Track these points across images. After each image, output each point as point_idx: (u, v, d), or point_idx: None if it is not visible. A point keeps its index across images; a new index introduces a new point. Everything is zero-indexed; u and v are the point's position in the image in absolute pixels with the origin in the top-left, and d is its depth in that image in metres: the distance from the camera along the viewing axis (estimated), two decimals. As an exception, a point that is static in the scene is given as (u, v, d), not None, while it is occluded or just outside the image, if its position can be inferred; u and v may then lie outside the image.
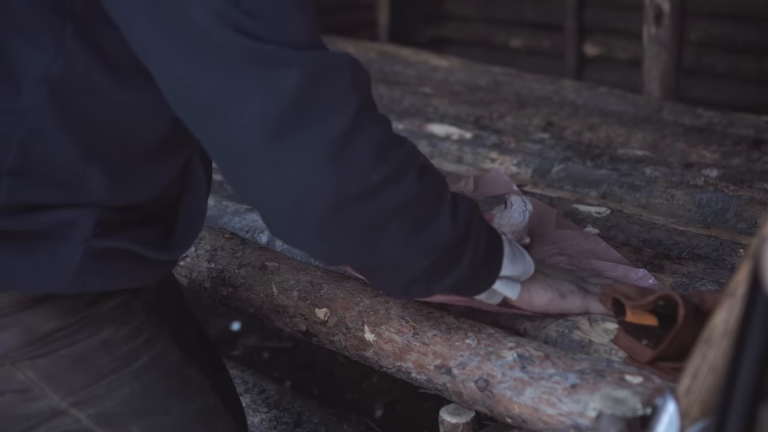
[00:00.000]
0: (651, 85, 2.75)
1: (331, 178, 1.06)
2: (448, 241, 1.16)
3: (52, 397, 1.21)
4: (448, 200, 1.17)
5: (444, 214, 1.15)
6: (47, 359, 1.20)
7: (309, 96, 1.05)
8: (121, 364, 1.24)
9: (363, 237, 1.12)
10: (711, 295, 1.22)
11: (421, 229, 1.14)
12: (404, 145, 1.14)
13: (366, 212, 1.10)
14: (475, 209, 1.21)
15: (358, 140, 1.07)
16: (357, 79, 1.09)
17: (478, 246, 1.20)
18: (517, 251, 1.27)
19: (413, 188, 1.12)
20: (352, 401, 2.61)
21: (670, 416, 1.04)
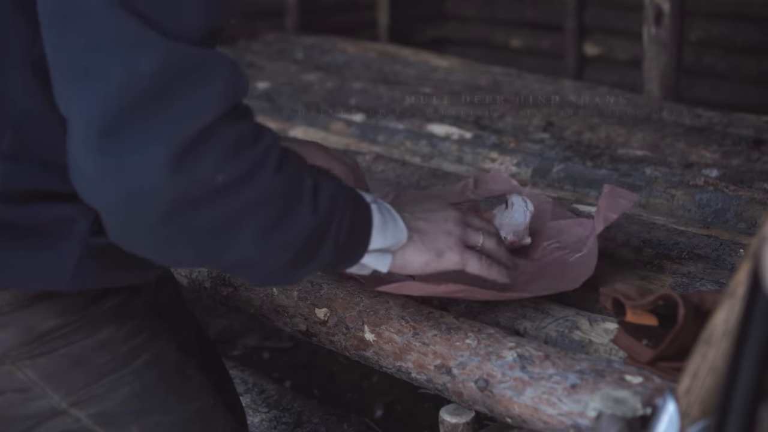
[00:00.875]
0: (651, 85, 2.75)
1: (169, 182, 0.99)
2: (309, 231, 1.11)
3: (52, 396, 1.21)
4: (309, 186, 1.11)
5: (304, 204, 1.10)
6: (47, 358, 1.20)
7: (163, 89, 0.99)
8: (120, 364, 1.24)
9: (209, 239, 1.07)
10: (711, 295, 1.22)
11: (278, 225, 1.09)
12: (262, 142, 1.07)
13: (210, 215, 1.04)
14: (338, 189, 1.15)
15: (208, 146, 1.01)
16: (226, 86, 1.03)
17: (341, 228, 1.15)
18: (389, 219, 1.21)
19: (269, 184, 1.07)
20: (352, 401, 2.61)
21: (670, 416, 1.04)
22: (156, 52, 0.99)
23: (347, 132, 2.50)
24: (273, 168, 1.07)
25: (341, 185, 1.17)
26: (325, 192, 1.13)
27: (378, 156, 2.18)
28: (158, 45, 0.99)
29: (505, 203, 1.56)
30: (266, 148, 1.07)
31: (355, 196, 1.18)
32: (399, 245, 1.23)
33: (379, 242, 1.20)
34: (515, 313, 1.42)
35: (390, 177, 2.07)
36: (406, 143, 2.36)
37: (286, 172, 1.09)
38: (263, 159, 1.07)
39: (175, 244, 1.06)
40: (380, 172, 2.09)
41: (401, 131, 2.44)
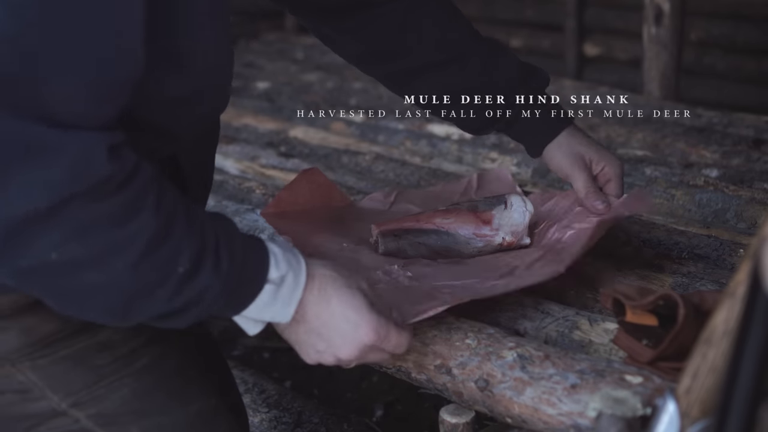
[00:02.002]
0: (651, 85, 2.75)
1: None
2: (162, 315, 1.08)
3: (51, 397, 1.21)
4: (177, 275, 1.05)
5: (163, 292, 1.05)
6: (47, 360, 1.21)
7: None
8: (121, 365, 1.24)
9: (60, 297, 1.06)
10: (711, 295, 1.22)
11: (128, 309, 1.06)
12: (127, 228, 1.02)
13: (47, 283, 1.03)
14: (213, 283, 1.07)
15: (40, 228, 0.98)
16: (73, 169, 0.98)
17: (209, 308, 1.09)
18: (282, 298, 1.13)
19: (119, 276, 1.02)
20: (352, 401, 2.61)
21: (670, 416, 1.04)
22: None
23: (347, 132, 2.50)
24: (129, 263, 1.02)
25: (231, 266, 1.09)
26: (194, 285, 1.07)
27: (378, 156, 2.18)
28: None
29: (504, 203, 1.56)
30: (129, 236, 1.02)
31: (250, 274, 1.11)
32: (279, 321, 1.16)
33: (253, 314, 1.14)
34: (515, 313, 1.42)
35: (390, 177, 2.07)
36: (406, 143, 2.36)
37: (150, 264, 1.03)
38: (117, 249, 1.02)
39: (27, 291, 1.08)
40: (380, 172, 2.09)
41: (401, 131, 2.44)
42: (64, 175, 0.97)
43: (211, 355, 1.46)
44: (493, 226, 1.54)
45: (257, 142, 2.46)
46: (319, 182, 1.72)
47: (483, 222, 1.55)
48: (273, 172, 2.19)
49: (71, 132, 0.98)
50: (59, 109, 0.97)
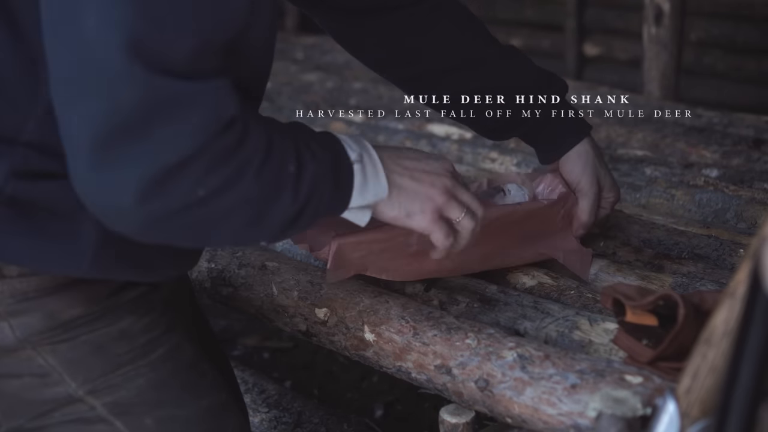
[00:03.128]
0: (651, 85, 2.75)
1: (145, 203, 1.05)
2: (288, 216, 1.16)
3: (69, 383, 1.22)
4: (290, 175, 1.15)
5: (284, 195, 1.14)
6: (68, 345, 1.22)
7: (143, 121, 1.02)
8: (138, 355, 1.25)
9: (197, 233, 1.13)
10: (711, 295, 1.22)
11: (261, 219, 1.14)
12: (243, 150, 1.10)
13: (192, 219, 1.09)
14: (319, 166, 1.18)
15: (187, 170, 1.05)
16: (208, 118, 1.06)
17: (321, 203, 1.19)
18: (372, 177, 1.24)
19: (250, 187, 1.11)
20: (352, 401, 2.61)
21: (670, 416, 1.04)
22: (137, 88, 1.01)
23: (347, 132, 2.50)
24: (253, 173, 1.11)
25: (323, 156, 1.19)
26: (306, 176, 1.16)
27: (378, 156, 2.18)
28: (140, 81, 1.01)
29: (502, 191, 1.58)
30: (248, 154, 1.10)
31: (338, 160, 1.21)
32: (379, 200, 1.26)
33: (357, 201, 1.23)
34: (515, 313, 1.42)
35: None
36: (406, 143, 2.36)
37: (267, 170, 1.12)
38: (243, 167, 1.10)
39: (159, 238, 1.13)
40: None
41: (401, 131, 2.44)
42: (202, 122, 1.05)
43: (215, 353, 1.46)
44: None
45: (257, 142, 2.46)
46: None
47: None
48: (273, 172, 2.19)
49: (202, 82, 1.06)
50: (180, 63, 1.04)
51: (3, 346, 1.20)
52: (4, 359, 1.21)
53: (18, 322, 1.19)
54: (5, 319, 1.19)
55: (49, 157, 1.15)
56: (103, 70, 1.01)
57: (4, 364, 1.21)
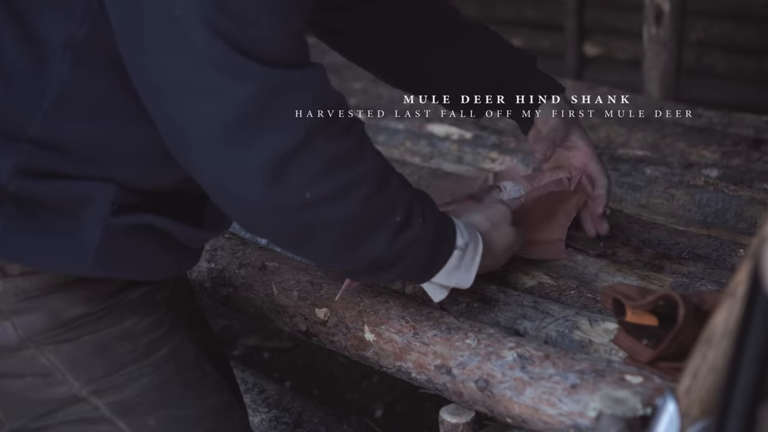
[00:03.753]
0: (651, 85, 2.75)
1: (264, 193, 1.12)
2: (376, 258, 1.23)
3: (72, 383, 1.22)
4: (395, 222, 1.21)
5: (382, 235, 1.21)
6: (71, 345, 1.22)
7: (258, 113, 1.09)
8: (141, 355, 1.25)
9: (293, 237, 1.20)
10: (711, 295, 1.22)
11: (354, 246, 1.21)
12: (359, 166, 1.18)
13: (297, 221, 1.17)
14: (425, 233, 1.25)
15: (299, 162, 1.12)
16: (316, 101, 1.13)
17: (411, 267, 1.26)
18: (465, 267, 1.33)
19: (354, 210, 1.18)
20: (352, 401, 2.61)
21: (670, 416, 1.04)
22: (250, 81, 1.08)
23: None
24: (362, 196, 1.18)
25: (431, 226, 1.26)
26: (408, 233, 1.23)
27: (378, 156, 2.18)
28: (251, 74, 1.09)
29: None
30: (363, 173, 1.18)
31: (444, 238, 1.29)
32: (460, 287, 1.35)
33: (441, 280, 1.32)
34: (515, 313, 1.42)
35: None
36: (406, 143, 2.36)
37: (377, 202, 1.20)
38: (354, 184, 1.17)
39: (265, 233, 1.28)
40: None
41: (401, 131, 2.44)
42: (310, 105, 1.12)
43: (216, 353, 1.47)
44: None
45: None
46: None
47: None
48: (273, 172, 2.19)
49: (302, 67, 1.14)
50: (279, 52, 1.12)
51: (6, 345, 1.20)
52: (6, 359, 1.21)
53: (21, 321, 1.19)
54: (8, 318, 1.19)
55: (53, 154, 1.15)
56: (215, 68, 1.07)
57: (6, 364, 1.21)
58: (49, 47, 1.13)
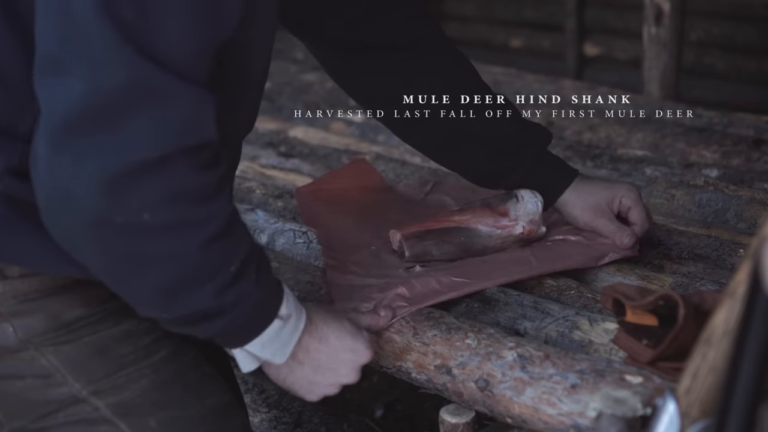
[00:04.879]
0: (651, 85, 2.75)
1: (97, 199, 1.03)
2: (200, 310, 1.14)
3: (72, 384, 1.22)
4: (228, 274, 1.13)
5: (212, 286, 1.12)
6: (71, 346, 1.22)
7: (119, 109, 1.01)
8: (141, 356, 1.25)
9: (119, 263, 1.10)
10: (711, 295, 1.22)
11: (182, 290, 1.12)
12: (208, 207, 1.09)
13: (126, 244, 1.07)
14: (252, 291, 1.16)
15: (150, 178, 1.03)
16: (194, 123, 1.05)
17: (233, 322, 1.17)
18: (283, 340, 1.22)
19: (190, 251, 1.09)
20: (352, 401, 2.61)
21: (670, 416, 1.04)
22: (123, 71, 1.00)
23: (347, 132, 2.50)
24: (206, 237, 1.09)
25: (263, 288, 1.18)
26: (238, 288, 1.14)
27: (378, 156, 2.17)
28: (127, 63, 1.00)
29: (515, 197, 1.58)
30: (214, 212, 1.09)
31: (268, 304, 1.20)
32: (274, 361, 1.24)
33: (255, 349, 1.22)
34: (515, 313, 1.42)
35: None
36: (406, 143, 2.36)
37: (218, 247, 1.11)
38: (198, 224, 1.08)
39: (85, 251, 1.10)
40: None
41: (401, 131, 2.43)
42: (179, 124, 1.03)
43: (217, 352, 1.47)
44: (510, 217, 1.57)
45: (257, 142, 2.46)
46: (364, 169, 1.84)
47: (500, 214, 1.57)
48: (273, 171, 2.19)
49: (190, 84, 1.03)
50: (173, 57, 1.02)
51: (5, 347, 1.20)
52: (6, 360, 1.21)
53: (20, 323, 1.19)
54: (7, 320, 1.19)
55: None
56: (91, 47, 1.00)
57: (6, 365, 1.21)
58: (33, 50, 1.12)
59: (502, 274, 1.49)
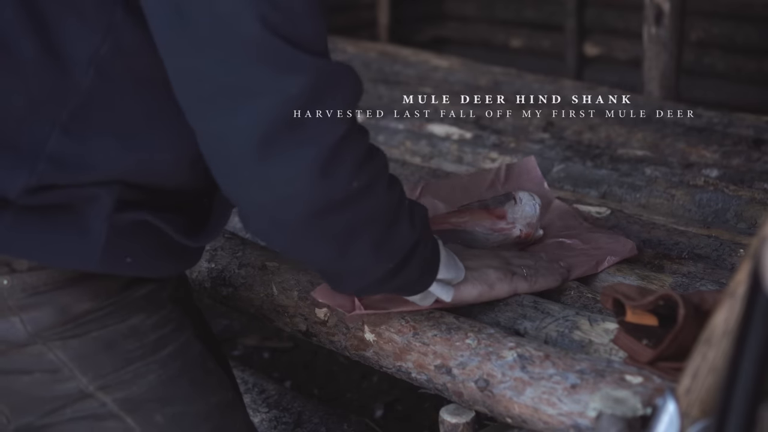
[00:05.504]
0: (651, 85, 2.75)
1: (318, 187, 1.10)
2: (408, 245, 1.22)
3: (80, 379, 1.22)
4: (406, 206, 1.23)
5: (405, 220, 1.21)
6: (79, 340, 1.22)
7: (310, 105, 1.08)
8: (148, 351, 1.25)
9: (338, 242, 1.17)
10: (711, 295, 1.22)
11: (388, 236, 1.20)
12: (379, 156, 1.19)
13: (344, 219, 1.14)
14: (425, 214, 1.28)
15: (346, 153, 1.11)
16: (354, 93, 1.14)
17: (425, 251, 1.26)
18: (451, 257, 1.33)
19: (384, 197, 1.18)
20: (352, 401, 2.61)
21: (670, 416, 1.04)
22: (303, 73, 1.07)
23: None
24: (386, 182, 1.19)
25: (425, 211, 1.29)
26: (418, 214, 1.25)
27: (378, 156, 2.18)
28: (303, 65, 1.07)
29: (513, 199, 1.58)
30: (381, 162, 1.19)
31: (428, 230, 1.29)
32: (458, 280, 1.35)
33: (444, 273, 1.31)
34: (515, 313, 1.42)
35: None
36: (406, 143, 2.36)
37: (395, 188, 1.21)
38: (381, 172, 1.18)
39: (309, 243, 1.17)
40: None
41: (401, 131, 2.44)
42: (349, 97, 1.13)
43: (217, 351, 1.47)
44: (508, 220, 1.57)
45: (257, 142, 2.46)
46: None
47: (497, 217, 1.57)
48: (273, 172, 2.19)
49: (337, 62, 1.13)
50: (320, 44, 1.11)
51: (14, 341, 1.20)
52: (14, 355, 1.21)
53: (29, 316, 1.19)
54: (16, 314, 1.19)
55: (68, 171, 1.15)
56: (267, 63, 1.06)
57: (14, 360, 1.21)
58: (71, 61, 1.12)
59: None
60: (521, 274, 1.43)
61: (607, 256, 1.55)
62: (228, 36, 1.05)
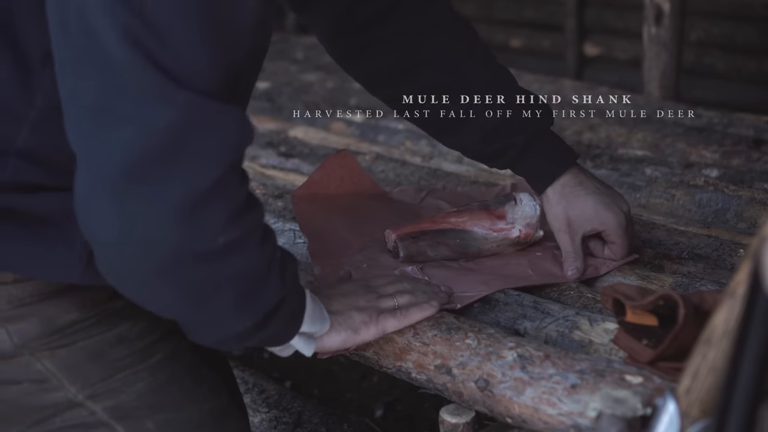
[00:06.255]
0: (651, 85, 2.75)
1: (177, 234, 1.04)
2: (276, 302, 1.16)
3: (68, 388, 1.23)
4: (277, 260, 1.16)
5: (275, 277, 1.15)
6: (66, 350, 1.22)
7: (178, 144, 1.01)
8: (137, 360, 1.26)
9: (195, 295, 1.11)
10: (711, 295, 1.22)
11: (254, 294, 1.14)
12: (256, 209, 1.13)
13: (205, 273, 1.08)
14: (295, 267, 1.22)
15: (215, 202, 1.04)
16: (238, 141, 1.07)
17: (292, 304, 1.20)
18: (317, 306, 1.26)
19: (255, 256, 1.12)
20: (352, 401, 2.61)
21: (670, 416, 1.04)
22: (172, 107, 1.00)
23: (347, 132, 2.50)
24: (260, 239, 1.13)
25: (295, 263, 1.22)
26: (289, 269, 1.19)
27: (378, 156, 2.18)
28: (174, 99, 1.00)
29: (513, 200, 1.58)
30: (257, 217, 1.13)
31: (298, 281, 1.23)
32: (322, 332, 1.27)
33: (307, 326, 1.24)
34: (515, 313, 1.42)
35: (390, 177, 2.06)
36: (406, 143, 2.36)
37: (268, 245, 1.15)
38: (255, 227, 1.12)
39: (160, 292, 1.11)
40: (380, 172, 2.09)
41: (401, 131, 2.44)
42: (227, 144, 1.05)
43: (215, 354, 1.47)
44: (507, 220, 1.56)
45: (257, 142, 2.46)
46: (351, 166, 1.77)
47: (497, 217, 1.57)
48: (273, 172, 2.19)
49: (225, 103, 1.04)
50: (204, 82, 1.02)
51: (1, 353, 1.20)
52: (2, 365, 1.21)
53: (15, 328, 1.19)
54: (2, 326, 1.19)
55: (40, 168, 1.14)
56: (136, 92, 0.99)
57: (2, 371, 1.21)
58: (30, 59, 1.12)
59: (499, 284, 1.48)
60: (390, 308, 1.33)
61: (606, 261, 1.55)
62: (98, 55, 1.00)
